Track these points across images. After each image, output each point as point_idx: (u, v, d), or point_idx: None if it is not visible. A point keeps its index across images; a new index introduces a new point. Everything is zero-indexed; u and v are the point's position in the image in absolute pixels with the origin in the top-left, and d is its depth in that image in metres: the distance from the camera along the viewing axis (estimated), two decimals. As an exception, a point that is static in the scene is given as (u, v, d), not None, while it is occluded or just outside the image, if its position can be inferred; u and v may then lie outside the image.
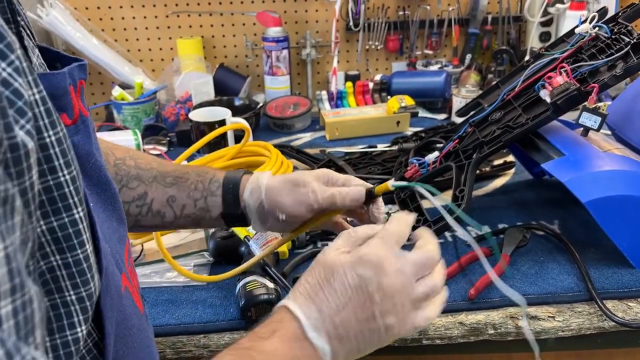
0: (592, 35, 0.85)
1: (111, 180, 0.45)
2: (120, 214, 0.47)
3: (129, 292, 0.44)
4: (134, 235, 0.83)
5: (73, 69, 0.39)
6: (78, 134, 0.40)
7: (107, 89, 1.52)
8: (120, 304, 0.41)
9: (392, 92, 1.44)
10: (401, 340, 0.69)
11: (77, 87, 0.40)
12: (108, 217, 0.45)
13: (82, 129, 0.40)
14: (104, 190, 0.44)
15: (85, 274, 0.34)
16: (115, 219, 0.46)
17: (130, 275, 0.46)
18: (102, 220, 0.42)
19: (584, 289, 0.73)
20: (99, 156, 0.43)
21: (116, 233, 0.46)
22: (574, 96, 0.76)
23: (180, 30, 1.52)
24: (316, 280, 0.46)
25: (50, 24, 1.38)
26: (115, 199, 0.46)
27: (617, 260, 0.76)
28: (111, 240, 0.43)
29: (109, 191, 0.45)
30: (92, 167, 0.42)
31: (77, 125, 0.40)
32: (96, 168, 0.43)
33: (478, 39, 1.57)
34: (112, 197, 0.46)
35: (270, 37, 1.43)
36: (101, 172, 0.44)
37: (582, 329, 0.70)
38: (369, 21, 1.53)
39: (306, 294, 0.45)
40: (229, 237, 0.80)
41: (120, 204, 0.48)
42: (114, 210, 0.46)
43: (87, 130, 0.41)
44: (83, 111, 0.41)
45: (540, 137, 0.84)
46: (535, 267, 0.77)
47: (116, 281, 0.40)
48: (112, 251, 0.42)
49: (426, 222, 0.82)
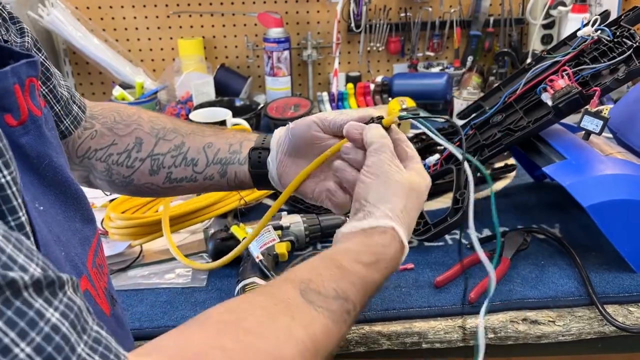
0: (594, 39, 0.85)
1: (73, 180, 0.45)
2: (86, 213, 0.47)
3: (91, 296, 0.44)
4: (135, 236, 0.82)
5: (19, 67, 0.38)
6: (27, 134, 0.39)
7: (107, 89, 1.52)
8: None
9: (393, 94, 1.44)
10: (401, 344, 0.69)
11: (25, 85, 0.39)
12: (68, 218, 0.44)
13: (33, 129, 0.39)
14: (63, 191, 0.44)
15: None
16: (79, 219, 0.46)
17: (93, 277, 0.45)
18: (58, 222, 0.42)
19: (584, 294, 0.72)
20: (57, 156, 0.42)
21: (78, 234, 0.45)
22: (576, 99, 0.76)
23: (181, 31, 1.52)
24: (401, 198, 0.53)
25: (51, 24, 1.38)
26: (79, 198, 0.45)
27: (618, 265, 0.76)
28: (69, 242, 0.42)
29: (69, 191, 0.44)
30: (46, 168, 0.41)
31: (26, 125, 0.39)
32: (52, 169, 0.42)
33: (480, 41, 1.56)
34: (74, 196, 0.45)
35: (271, 38, 1.43)
36: (59, 172, 0.43)
37: (583, 334, 0.70)
38: (371, 22, 1.53)
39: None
40: (228, 239, 0.79)
41: (85, 203, 0.47)
42: (76, 211, 0.45)
43: (39, 130, 0.40)
44: (34, 111, 0.39)
45: (541, 141, 0.84)
46: (535, 270, 0.77)
47: None
48: (70, 255, 0.41)
49: (426, 224, 0.82)
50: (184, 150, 0.66)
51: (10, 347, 0.25)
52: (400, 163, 0.56)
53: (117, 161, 0.66)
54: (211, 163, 0.65)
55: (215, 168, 0.66)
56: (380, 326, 0.69)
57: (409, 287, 0.74)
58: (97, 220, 0.88)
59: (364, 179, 0.54)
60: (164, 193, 0.69)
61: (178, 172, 0.66)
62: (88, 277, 0.44)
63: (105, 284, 0.49)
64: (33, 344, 0.26)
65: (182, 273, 0.79)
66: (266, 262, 0.73)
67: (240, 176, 0.66)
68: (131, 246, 0.84)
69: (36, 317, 0.26)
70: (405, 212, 0.53)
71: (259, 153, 0.65)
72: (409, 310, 0.70)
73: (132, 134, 0.66)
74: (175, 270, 0.80)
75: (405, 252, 0.54)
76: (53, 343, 0.26)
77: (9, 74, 0.37)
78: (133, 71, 1.45)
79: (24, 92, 0.38)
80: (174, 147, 0.66)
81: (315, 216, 0.84)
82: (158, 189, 0.68)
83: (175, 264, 0.81)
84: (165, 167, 0.66)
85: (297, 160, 0.63)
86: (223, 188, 0.68)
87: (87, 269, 0.44)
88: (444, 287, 0.74)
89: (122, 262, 0.82)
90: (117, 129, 0.66)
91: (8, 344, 0.25)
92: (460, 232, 0.79)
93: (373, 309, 0.70)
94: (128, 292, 0.76)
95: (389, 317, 0.69)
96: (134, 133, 0.66)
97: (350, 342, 0.68)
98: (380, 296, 0.72)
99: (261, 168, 0.65)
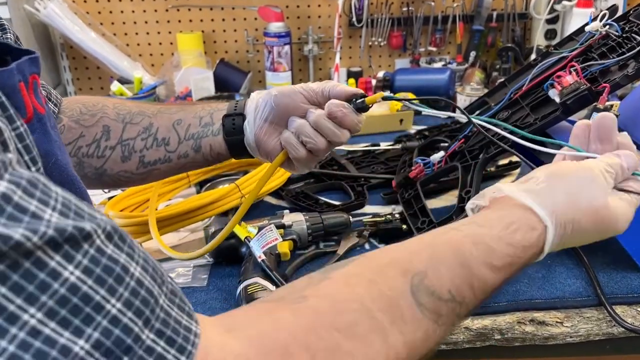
0: (602, 34, 0.83)
1: (77, 178, 0.44)
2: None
3: None
4: (134, 235, 0.81)
5: (23, 64, 0.37)
6: (34, 133, 0.37)
7: (105, 84, 1.50)
8: None
9: (395, 90, 1.42)
10: (405, 345, 0.67)
11: (29, 82, 0.37)
12: None
13: (38, 127, 0.38)
14: (68, 190, 0.42)
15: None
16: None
17: None
18: None
19: (592, 294, 0.71)
20: (61, 155, 0.42)
21: None
22: (585, 96, 0.74)
23: (180, 25, 1.50)
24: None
25: (48, 17, 1.35)
26: (83, 197, 0.44)
27: (627, 264, 0.74)
28: None
29: (74, 190, 0.43)
30: (53, 167, 0.40)
31: (32, 123, 0.38)
32: (58, 167, 0.41)
33: (483, 36, 1.55)
34: (79, 195, 0.43)
35: (271, 33, 1.41)
36: (64, 171, 0.42)
37: (591, 335, 0.68)
38: (372, 17, 1.51)
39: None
40: (230, 238, 0.78)
41: (89, 201, 0.46)
42: None
43: (44, 128, 0.39)
44: (38, 108, 0.38)
45: (548, 138, 0.82)
46: (542, 270, 0.76)
47: None
48: None
49: (431, 223, 0.80)
50: (153, 131, 0.64)
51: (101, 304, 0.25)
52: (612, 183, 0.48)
53: (87, 153, 0.64)
54: (183, 140, 0.64)
55: (188, 144, 0.64)
56: (384, 327, 0.67)
57: (413, 287, 0.73)
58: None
59: (567, 164, 0.49)
60: (139, 180, 0.68)
61: (150, 155, 0.65)
62: None
63: None
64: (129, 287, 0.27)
65: (182, 272, 0.78)
66: (268, 262, 0.71)
67: (216, 148, 0.65)
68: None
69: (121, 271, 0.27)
70: (572, 226, 0.45)
71: (232, 120, 0.64)
72: (414, 311, 0.69)
73: (98, 123, 0.65)
74: (175, 269, 0.78)
75: (539, 258, 0.46)
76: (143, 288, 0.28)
77: (15, 72, 0.35)
78: (131, 66, 1.43)
79: (28, 90, 0.37)
80: (142, 130, 0.64)
81: (318, 214, 0.83)
82: (132, 176, 0.66)
83: (174, 263, 0.79)
84: (136, 152, 0.64)
85: (278, 128, 0.63)
86: (200, 164, 0.67)
87: None
88: (450, 287, 0.73)
89: (121, 261, 0.80)
90: (83, 120, 0.65)
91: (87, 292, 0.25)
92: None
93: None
94: (127, 292, 0.74)
95: (393, 318, 0.68)
96: (101, 122, 0.65)
97: (354, 343, 0.67)
98: (385, 296, 0.71)
99: (237, 135, 0.64)
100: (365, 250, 0.81)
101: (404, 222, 0.84)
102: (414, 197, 0.87)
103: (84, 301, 0.24)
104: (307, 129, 0.60)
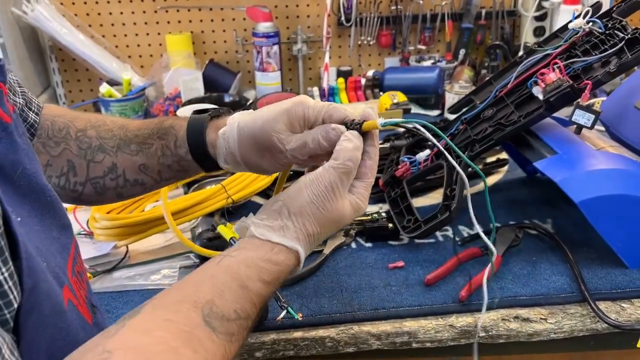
0: (585, 31, 0.84)
1: (47, 186, 0.43)
2: (62, 219, 0.45)
3: (74, 305, 0.42)
4: (120, 237, 0.81)
5: None
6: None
7: (94, 86, 1.50)
8: (62, 319, 0.38)
9: (385, 88, 1.42)
10: (391, 343, 0.67)
11: None
12: (46, 227, 0.42)
13: (4, 137, 0.38)
14: (38, 199, 0.42)
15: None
16: (56, 226, 0.44)
17: (74, 286, 0.44)
18: (36, 232, 0.40)
19: (576, 290, 0.71)
20: (30, 163, 0.41)
21: (56, 243, 0.43)
22: (567, 93, 0.75)
23: (169, 26, 1.49)
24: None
25: (36, 20, 1.35)
26: (54, 205, 0.44)
27: (611, 260, 0.75)
28: (49, 252, 0.41)
29: (44, 199, 0.43)
30: (20, 176, 0.40)
31: None
32: (26, 176, 0.40)
33: (472, 34, 1.55)
34: (49, 203, 0.43)
35: (260, 33, 1.41)
36: (33, 180, 0.41)
37: (575, 331, 0.69)
38: (361, 16, 1.51)
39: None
40: (215, 239, 0.78)
41: (61, 209, 0.45)
42: (53, 218, 0.44)
43: (10, 137, 0.38)
44: (4, 117, 0.38)
45: (533, 135, 0.83)
46: (527, 267, 0.76)
47: (53, 298, 0.38)
48: (50, 265, 0.39)
49: (417, 221, 0.80)
50: (119, 172, 0.62)
51: None
52: (346, 186, 0.53)
53: (58, 184, 0.62)
54: (161, 180, 0.63)
55: (167, 182, 0.64)
56: (369, 326, 0.67)
57: (399, 286, 0.73)
58: (82, 221, 0.87)
59: (302, 183, 0.52)
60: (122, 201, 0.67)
61: (127, 191, 0.63)
62: (69, 287, 0.42)
63: (86, 292, 0.48)
64: None
65: (168, 274, 0.78)
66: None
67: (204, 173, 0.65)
68: (117, 247, 0.82)
69: None
70: (315, 238, 0.53)
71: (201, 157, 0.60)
72: (399, 310, 0.69)
73: (62, 156, 0.62)
74: (161, 271, 0.78)
75: (298, 269, 0.54)
76: None
77: None
78: (120, 67, 1.43)
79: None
80: (107, 170, 0.62)
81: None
82: (115, 201, 0.66)
83: (161, 264, 0.79)
84: (110, 189, 0.62)
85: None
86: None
87: (68, 278, 0.43)
88: (435, 285, 0.73)
89: (107, 263, 0.80)
90: (49, 147, 0.62)
91: None
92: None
93: (363, 308, 0.69)
94: (113, 294, 0.74)
95: (378, 317, 0.68)
96: (64, 155, 0.62)
97: (339, 342, 0.67)
98: (370, 295, 0.71)
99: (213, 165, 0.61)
100: (352, 249, 0.81)
101: (390, 220, 0.84)
102: (400, 196, 0.88)
103: None
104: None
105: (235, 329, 0.44)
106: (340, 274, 0.76)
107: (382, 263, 0.78)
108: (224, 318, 0.43)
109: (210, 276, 0.46)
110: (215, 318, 0.43)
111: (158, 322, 0.40)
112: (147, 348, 0.37)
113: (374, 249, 0.81)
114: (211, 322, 0.42)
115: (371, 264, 0.78)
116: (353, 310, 0.69)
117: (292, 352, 0.67)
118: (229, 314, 0.44)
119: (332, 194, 0.52)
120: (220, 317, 0.43)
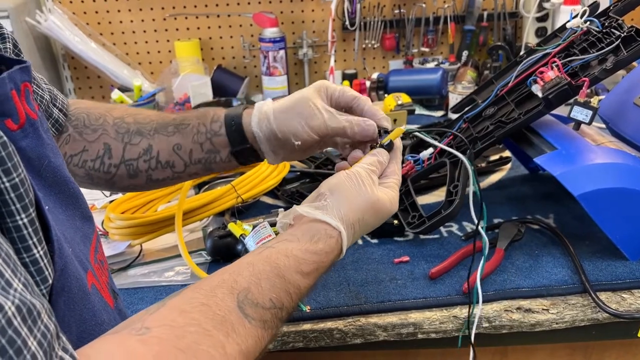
0: (583, 30, 0.86)
1: (70, 178, 0.46)
2: (84, 211, 0.48)
3: (97, 289, 0.45)
4: (134, 236, 0.84)
5: (14, 73, 0.39)
6: (27, 137, 0.40)
7: (106, 93, 1.54)
8: (88, 301, 0.42)
9: (389, 90, 1.45)
10: (397, 334, 0.70)
11: (21, 90, 0.40)
12: (69, 217, 0.45)
13: (31, 132, 0.41)
14: (62, 191, 0.45)
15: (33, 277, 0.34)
16: (79, 217, 0.47)
17: (97, 272, 0.47)
18: (61, 221, 0.43)
19: (577, 282, 0.73)
20: (54, 157, 0.44)
21: (79, 232, 0.46)
22: (565, 90, 0.77)
23: (178, 33, 1.53)
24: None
25: (49, 29, 1.39)
26: (77, 197, 0.47)
27: (611, 253, 0.77)
28: (74, 240, 0.44)
29: (67, 190, 0.45)
30: (46, 169, 0.42)
31: (25, 129, 0.40)
32: (51, 169, 0.43)
33: (474, 36, 1.57)
34: (73, 195, 0.46)
35: (266, 38, 1.44)
36: (57, 172, 0.44)
37: (576, 321, 0.70)
38: (365, 20, 1.54)
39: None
40: (226, 236, 0.80)
41: (83, 201, 0.48)
42: (76, 209, 0.47)
43: (36, 133, 0.41)
44: (30, 114, 0.41)
45: (533, 132, 0.85)
46: (529, 260, 0.78)
47: (79, 280, 0.41)
48: (75, 251, 0.42)
49: (421, 217, 0.83)
50: (154, 154, 0.65)
51: None
52: (375, 180, 0.59)
53: (93, 167, 0.66)
54: (190, 164, 0.66)
55: (196, 167, 0.66)
56: (376, 318, 0.70)
57: (404, 279, 0.75)
58: (97, 221, 0.90)
59: (341, 175, 0.57)
60: (150, 189, 0.70)
61: (158, 174, 0.66)
62: (93, 273, 0.46)
63: (107, 279, 0.51)
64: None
65: (181, 271, 0.80)
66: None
67: (226, 167, 0.67)
68: (131, 246, 0.85)
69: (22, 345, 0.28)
70: (358, 224, 0.56)
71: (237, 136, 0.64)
72: (404, 302, 0.71)
73: (99, 140, 0.66)
74: (174, 268, 0.81)
75: (340, 257, 0.56)
76: None
77: (6, 80, 0.38)
78: (131, 74, 1.47)
79: (20, 97, 0.40)
80: (142, 152, 0.65)
81: (312, 212, 0.85)
82: (143, 188, 0.69)
83: (174, 262, 0.82)
84: (142, 171, 0.66)
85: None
86: (212, 172, 0.71)
87: (91, 265, 0.46)
88: (439, 279, 0.75)
89: (122, 262, 0.83)
90: (86, 134, 0.66)
91: None
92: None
93: (369, 301, 0.71)
94: (129, 290, 0.77)
95: (384, 309, 0.71)
96: (101, 139, 0.66)
97: (347, 334, 0.69)
98: (376, 288, 0.73)
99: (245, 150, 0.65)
100: (359, 245, 0.84)
101: (395, 217, 0.86)
102: (404, 194, 0.90)
103: None
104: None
105: (269, 316, 0.46)
106: (347, 269, 0.78)
107: (388, 258, 0.80)
108: (258, 305, 0.45)
109: (248, 264, 0.48)
110: (249, 305, 0.44)
111: (194, 305, 0.42)
112: (182, 328, 0.39)
113: (380, 244, 0.84)
114: (245, 309, 0.44)
115: (377, 259, 0.80)
116: (360, 303, 0.71)
117: (301, 343, 0.69)
118: (264, 302, 0.46)
119: (366, 180, 0.57)
120: (254, 304, 0.45)
